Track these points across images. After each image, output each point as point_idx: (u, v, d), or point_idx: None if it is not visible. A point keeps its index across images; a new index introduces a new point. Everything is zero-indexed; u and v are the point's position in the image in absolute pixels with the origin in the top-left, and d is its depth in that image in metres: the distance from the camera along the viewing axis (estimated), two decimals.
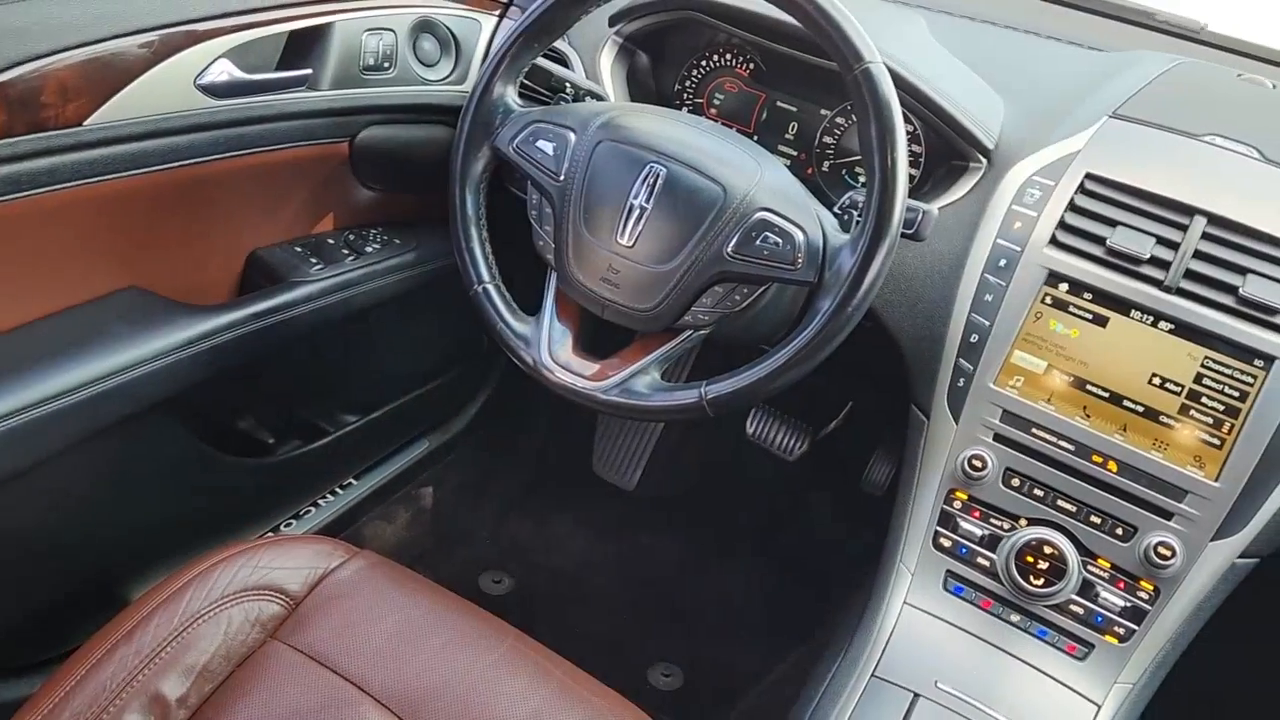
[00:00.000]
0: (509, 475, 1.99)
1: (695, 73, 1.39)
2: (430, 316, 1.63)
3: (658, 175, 1.02)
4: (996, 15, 1.42)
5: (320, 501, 1.61)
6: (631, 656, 1.72)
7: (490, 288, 1.11)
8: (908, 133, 1.22)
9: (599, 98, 1.24)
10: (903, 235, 0.98)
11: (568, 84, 1.22)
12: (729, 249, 0.99)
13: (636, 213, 1.02)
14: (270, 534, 1.51)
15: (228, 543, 1.03)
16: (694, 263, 1.00)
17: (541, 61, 1.17)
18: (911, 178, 1.27)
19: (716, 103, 1.39)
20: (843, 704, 0.99)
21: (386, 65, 1.30)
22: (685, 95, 1.41)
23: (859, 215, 0.98)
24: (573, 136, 1.07)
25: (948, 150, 1.21)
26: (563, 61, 1.33)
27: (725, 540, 1.95)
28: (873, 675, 1.01)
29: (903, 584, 1.10)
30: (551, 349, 1.07)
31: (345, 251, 1.39)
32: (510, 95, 1.11)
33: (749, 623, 1.81)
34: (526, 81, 1.16)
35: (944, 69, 1.22)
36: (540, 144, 1.07)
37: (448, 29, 1.38)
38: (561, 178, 1.06)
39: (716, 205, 1.00)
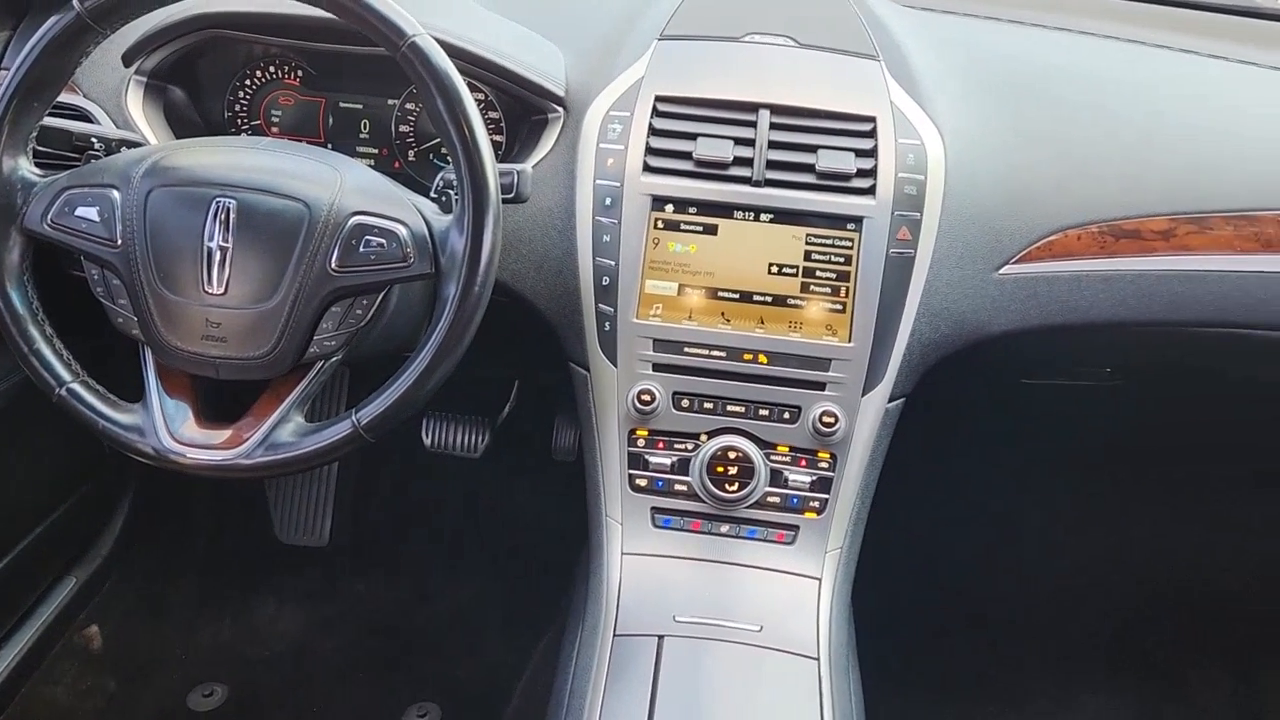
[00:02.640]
0: (185, 577, 1.79)
1: (242, 94, 1.28)
2: (26, 441, 1.40)
3: (228, 209, 0.92)
4: None
5: None
6: (382, 711, 1.61)
7: (76, 386, 0.96)
8: (480, 100, 1.21)
9: (136, 145, 1.10)
10: (505, 200, 0.96)
11: (94, 139, 1.07)
12: (333, 264, 0.92)
13: (218, 255, 0.92)
14: None
15: None
16: (300, 290, 0.92)
17: (52, 121, 1.02)
18: (498, 144, 1.25)
19: (276, 119, 1.29)
20: (595, 674, 0.97)
21: None
22: (240, 120, 1.29)
23: (456, 193, 0.95)
24: (117, 194, 0.94)
25: (524, 108, 1.21)
26: (84, 118, 1.17)
27: (441, 558, 1.87)
28: (615, 635, 1.01)
29: (615, 537, 1.09)
30: (172, 430, 0.95)
31: None
32: (25, 167, 0.95)
33: (492, 631, 1.76)
34: (42, 148, 1.00)
35: (494, 30, 1.20)
36: (81, 212, 0.93)
37: None
38: (119, 242, 0.93)
39: (304, 223, 0.92)
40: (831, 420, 1.06)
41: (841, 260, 1.08)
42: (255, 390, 0.98)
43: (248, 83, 1.28)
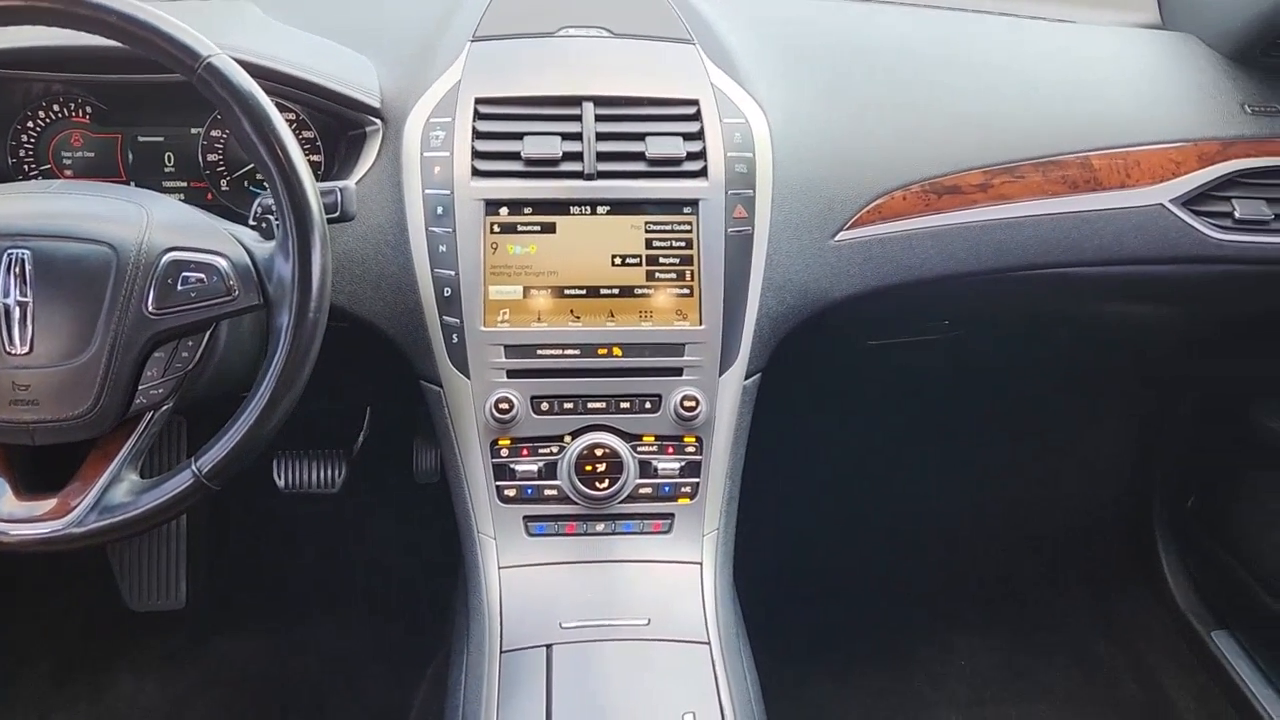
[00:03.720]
0: (31, 663, 1.65)
1: (25, 138, 1.18)
2: None
3: (22, 260, 0.84)
4: None
5: None
6: None
7: None
8: (291, 120, 1.16)
9: None
10: (331, 220, 0.92)
11: None
12: (149, 307, 0.86)
13: (16, 312, 0.84)
14: None
15: None
16: (116, 339, 0.85)
17: None
18: (316, 164, 1.20)
19: (68, 161, 1.20)
20: (485, 695, 0.94)
21: None
22: (26, 166, 1.19)
23: (277, 218, 0.90)
24: None
25: (339, 124, 1.16)
26: None
27: (311, 603, 1.79)
28: (501, 652, 0.98)
29: (490, 553, 1.06)
30: None
31: None
32: None
33: (374, 669, 1.69)
34: None
35: (296, 44, 1.15)
36: None
37: None
38: None
39: (112, 267, 0.86)
40: (692, 404, 1.06)
41: (683, 245, 1.08)
42: (80, 453, 0.91)
43: (30, 125, 1.18)
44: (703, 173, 1.08)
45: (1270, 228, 1.25)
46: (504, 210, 1.07)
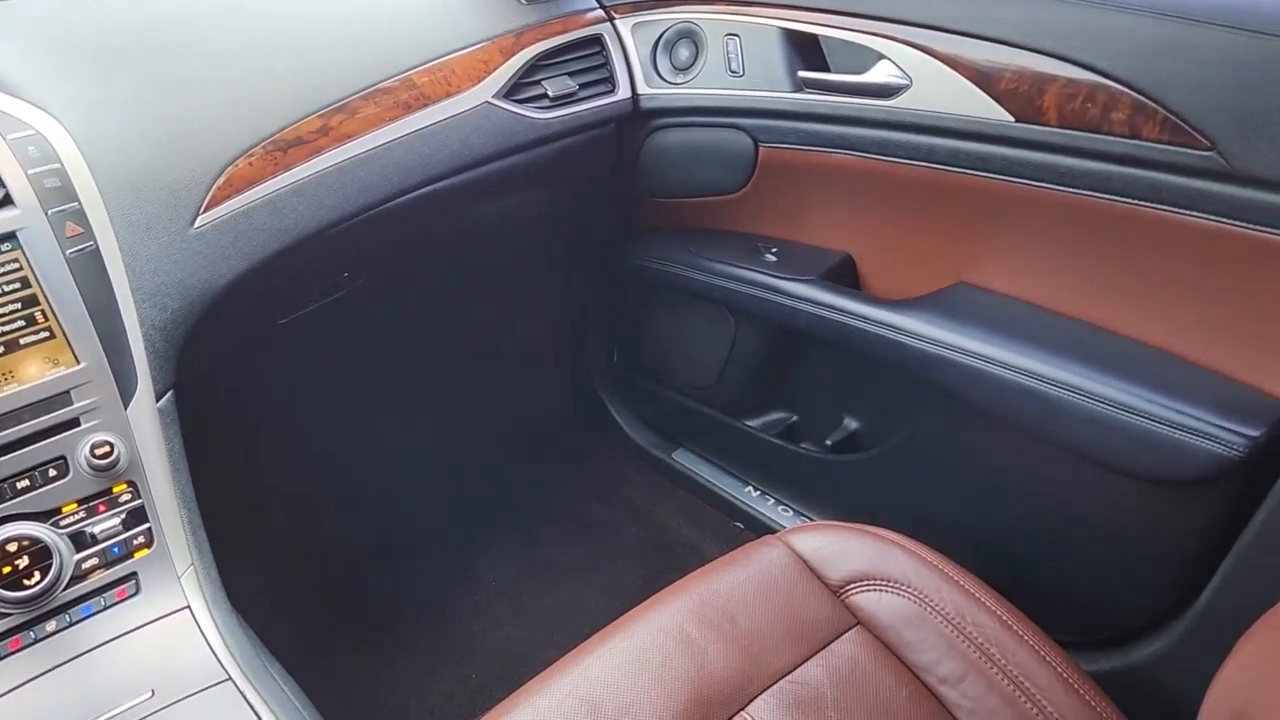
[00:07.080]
0: None
1: None
2: None
3: None
4: None
5: None
6: None
7: None
8: None
9: None
10: None
11: None
12: None
13: None
14: None
15: None
16: None
17: None
18: None
19: None
20: None
21: None
22: None
23: None
24: None
25: None
26: None
27: None
28: None
29: None
30: None
31: None
32: None
33: None
34: None
35: None
36: None
37: None
38: None
39: None
40: (106, 449, 0.94)
41: (18, 286, 0.93)
42: None
43: None
44: (6, 201, 0.93)
45: (579, 97, 1.41)
46: None
